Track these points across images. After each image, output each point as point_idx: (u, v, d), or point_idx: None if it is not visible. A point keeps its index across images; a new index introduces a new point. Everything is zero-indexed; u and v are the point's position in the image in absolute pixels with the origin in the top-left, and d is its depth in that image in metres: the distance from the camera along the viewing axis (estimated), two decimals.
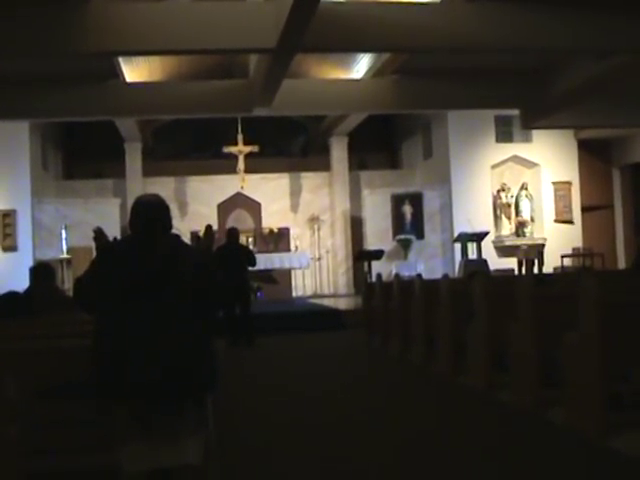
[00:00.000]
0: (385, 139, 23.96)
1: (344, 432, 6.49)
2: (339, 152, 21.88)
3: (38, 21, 10.97)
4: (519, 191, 19.99)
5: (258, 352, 12.25)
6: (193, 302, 3.84)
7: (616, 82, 14.60)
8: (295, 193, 22.11)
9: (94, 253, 4.20)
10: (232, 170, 20.35)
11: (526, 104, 16.93)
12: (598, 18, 11.79)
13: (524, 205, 19.93)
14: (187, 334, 3.80)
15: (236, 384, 8.80)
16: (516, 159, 20.02)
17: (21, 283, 8.47)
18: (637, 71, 13.78)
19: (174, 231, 4.03)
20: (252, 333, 12.64)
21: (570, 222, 20.02)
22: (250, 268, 13.05)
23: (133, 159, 21.08)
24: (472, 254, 17.26)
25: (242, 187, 20.30)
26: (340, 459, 5.67)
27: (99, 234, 4.16)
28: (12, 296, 6.78)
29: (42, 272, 7.78)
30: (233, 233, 13.06)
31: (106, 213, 19.40)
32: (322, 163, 22.23)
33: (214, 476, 4.47)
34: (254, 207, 20.50)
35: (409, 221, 20.28)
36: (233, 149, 20.29)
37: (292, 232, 20.99)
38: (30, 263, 16.14)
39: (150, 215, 3.90)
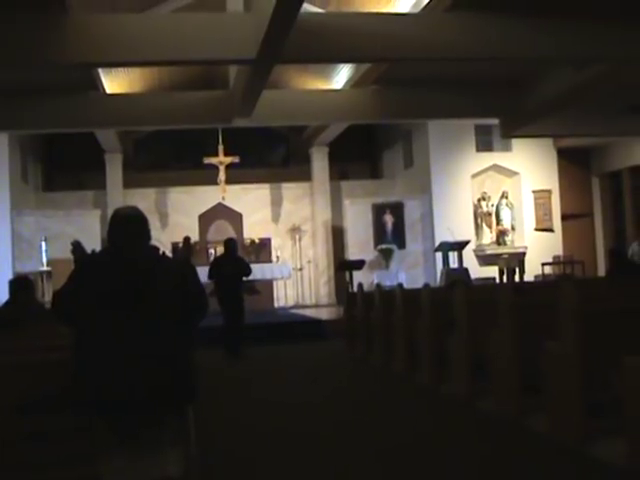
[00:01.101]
0: (366, 149, 24.02)
1: (327, 442, 6.48)
2: (320, 162, 21.92)
3: (17, 31, 10.92)
4: (499, 200, 20.08)
5: (241, 362, 12.22)
6: (172, 313, 3.83)
7: (594, 91, 14.71)
8: (276, 203, 22.12)
9: (74, 265, 4.17)
10: (213, 181, 20.32)
11: (506, 113, 17.03)
12: (575, 27, 11.87)
13: (504, 214, 20.02)
14: (166, 345, 3.80)
15: (217, 395, 8.77)
16: (496, 168, 20.12)
17: (0, 296, 8.43)
18: (615, 80, 13.90)
19: (154, 242, 4.03)
20: (241, 344, 12.55)
21: (550, 230, 20.12)
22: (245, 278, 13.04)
23: (113, 170, 21.02)
24: (453, 263, 17.31)
25: (223, 198, 20.28)
26: (323, 468, 5.66)
27: (77, 247, 4.15)
28: None
29: (21, 285, 7.75)
30: (229, 244, 12.89)
31: (86, 225, 19.33)
32: (303, 173, 22.26)
33: None
34: (235, 218, 20.48)
35: (390, 231, 20.31)
36: (214, 160, 20.26)
37: (273, 242, 20.98)
38: (9, 276, 16.03)
39: (128, 227, 3.90)
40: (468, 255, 18.19)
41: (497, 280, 17.97)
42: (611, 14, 11.76)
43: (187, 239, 4.71)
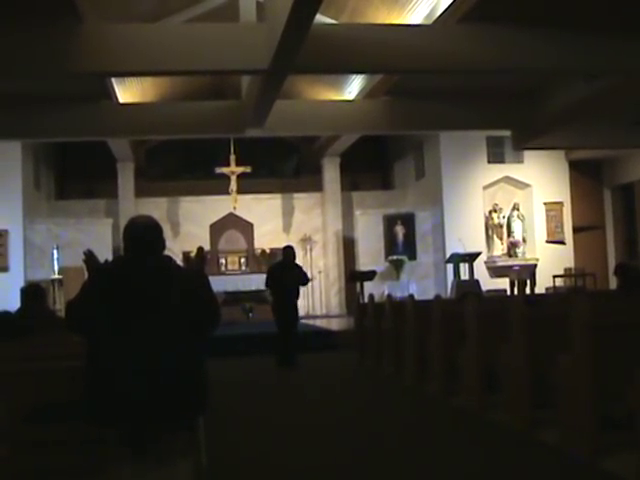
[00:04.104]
0: (377, 160, 24.04)
1: (337, 453, 6.45)
2: (331, 173, 21.94)
3: (32, 42, 10.99)
4: (511, 212, 20.05)
5: (250, 371, 12.20)
6: (184, 324, 3.83)
7: (607, 103, 14.68)
8: (287, 213, 22.15)
9: (86, 274, 4.18)
10: (224, 191, 20.38)
11: (517, 125, 17.02)
12: (586, 39, 11.88)
13: (516, 226, 19.99)
14: (179, 355, 3.79)
15: (229, 404, 8.75)
16: (508, 180, 20.10)
17: (12, 304, 8.46)
18: (627, 92, 13.87)
19: (166, 252, 4.03)
20: (296, 353, 12.32)
21: (562, 242, 20.07)
22: (264, 288, 12.93)
23: (125, 179, 21.12)
24: (464, 275, 17.27)
25: (234, 208, 20.32)
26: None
27: (89, 256, 4.14)
28: (4, 316, 6.75)
29: (33, 293, 7.76)
30: (288, 252, 12.64)
31: (98, 233, 19.40)
32: (314, 184, 22.29)
33: None
34: (246, 228, 20.50)
35: (401, 242, 20.31)
36: (225, 170, 20.34)
37: None
38: (21, 283, 16.10)
39: (143, 236, 3.90)
40: (479, 267, 18.13)
41: (508, 292, 17.92)
42: (620, 27, 11.76)
43: (201, 249, 4.66)
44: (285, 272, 12.36)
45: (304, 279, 12.65)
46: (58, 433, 4.60)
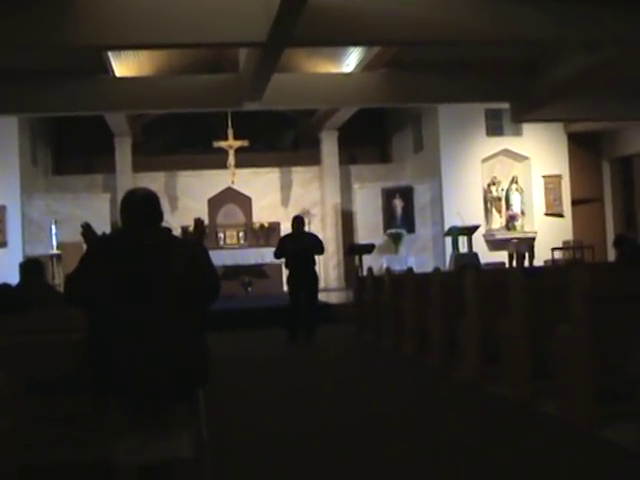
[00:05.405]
0: (375, 133, 23.95)
1: (338, 426, 6.48)
2: (329, 146, 21.88)
3: (28, 15, 10.92)
4: (509, 185, 20.01)
5: (249, 345, 12.24)
6: (184, 295, 3.83)
7: (606, 75, 14.63)
8: (285, 187, 22.12)
9: (84, 248, 4.18)
10: (222, 165, 20.33)
11: (516, 97, 16.96)
12: (585, 10, 11.81)
13: (514, 198, 19.96)
14: (179, 328, 3.80)
15: (228, 378, 8.78)
16: (506, 153, 20.04)
17: (11, 279, 8.46)
18: (626, 63, 13.82)
19: (165, 225, 4.02)
20: (315, 327, 12.15)
21: (560, 215, 20.05)
22: (276, 260, 12.93)
23: (123, 154, 21.04)
24: (463, 248, 17.28)
25: (232, 182, 20.29)
26: (334, 451, 5.67)
27: (87, 229, 4.14)
28: (3, 289, 6.76)
29: (32, 268, 7.78)
30: (298, 221, 12.50)
31: (96, 208, 19.36)
32: (312, 157, 22.24)
33: (206, 469, 4.47)
34: (244, 202, 20.48)
35: (400, 215, 20.29)
36: (223, 144, 20.27)
37: (283, 226, 20.90)
38: (20, 259, 16.09)
39: (141, 208, 3.89)
40: (477, 240, 18.14)
41: (507, 265, 17.93)
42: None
43: (199, 220, 4.62)
44: (294, 241, 12.26)
45: (318, 247, 12.44)
46: (58, 406, 4.62)
